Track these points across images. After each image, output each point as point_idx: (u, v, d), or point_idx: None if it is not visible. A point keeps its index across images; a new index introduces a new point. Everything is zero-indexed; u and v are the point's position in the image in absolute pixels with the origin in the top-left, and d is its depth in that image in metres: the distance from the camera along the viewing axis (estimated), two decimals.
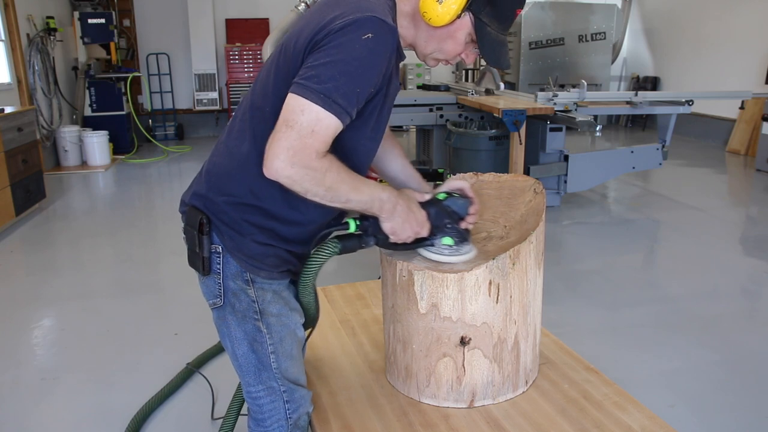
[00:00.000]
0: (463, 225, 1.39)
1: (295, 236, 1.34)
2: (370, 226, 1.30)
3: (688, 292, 3.58)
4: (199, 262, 1.33)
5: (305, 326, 1.55)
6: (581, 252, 4.40)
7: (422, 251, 1.40)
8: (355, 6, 1.17)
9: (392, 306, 1.46)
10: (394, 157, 1.57)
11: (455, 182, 1.49)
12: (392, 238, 1.31)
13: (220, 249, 1.32)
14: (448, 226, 1.37)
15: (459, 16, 1.23)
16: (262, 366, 1.36)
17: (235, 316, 1.34)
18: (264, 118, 1.24)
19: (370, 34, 1.13)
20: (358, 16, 1.14)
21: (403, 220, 1.29)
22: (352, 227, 1.31)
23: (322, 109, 1.11)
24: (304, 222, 1.33)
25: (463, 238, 1.39)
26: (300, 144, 1.10)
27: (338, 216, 1.40)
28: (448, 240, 1.38)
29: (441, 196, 1.39)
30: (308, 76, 1.12)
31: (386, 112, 1.32)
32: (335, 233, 1.33)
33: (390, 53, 1.18)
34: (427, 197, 1.39)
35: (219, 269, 1.33)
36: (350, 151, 1.27)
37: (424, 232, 1.34)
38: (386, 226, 1.28)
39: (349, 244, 1.32)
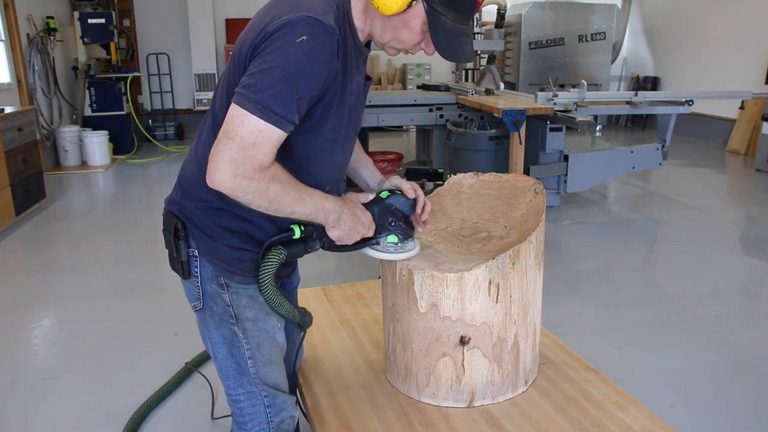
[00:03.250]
0: (421, 218, 1.42)
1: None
2: (315, 230, 1.29)
3: (688, 292, 3.58)
4: (178, 266, 1.34)
5: (301, 329, 1.55)
6: (581, 252, 4.40)
7: (367, 250, 1.40)
8: (293, 5, 1.14)
9: (392, 305, 1.46)
10: None
11: (395, 179, 1.46)
12: (339, 242, 1.30)
13: (196, 253, 1.32)
14: (392, 224, 1.38)
15: (410, 5, 1.17)
16: (241, 370, 1.35)
17: (213, 319, 1.34)
18: (220, 124, 1.22)
19: (304, 37, 1.10)
20: (292, 17, 1.11)
21: (349, 228, 1.28)
22: (297, 233, 1.29)
23: (262, 120, 1.09)
24: (278, 225, 1.31)
25: (407, 235, 1.40)
26: (242, 156, 1.08)
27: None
28: (392, 238, 1.38)
29: (384, 195, 1.39)
30: (246, 85, 1.11)
31: (347, 110, 1.28)
32: (279, 240, 1.30)
33: (329, 54, 1.14)
34: (371, 197, 1.38)
35: (197, 272, 1.33)
36: (308, 155, 1.26)
37: (370, 233, 1.34)
38: (333, 234, 1.27)
39: (295, 250, 1.31)
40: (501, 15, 5.82)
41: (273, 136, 1.11)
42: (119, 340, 3.05)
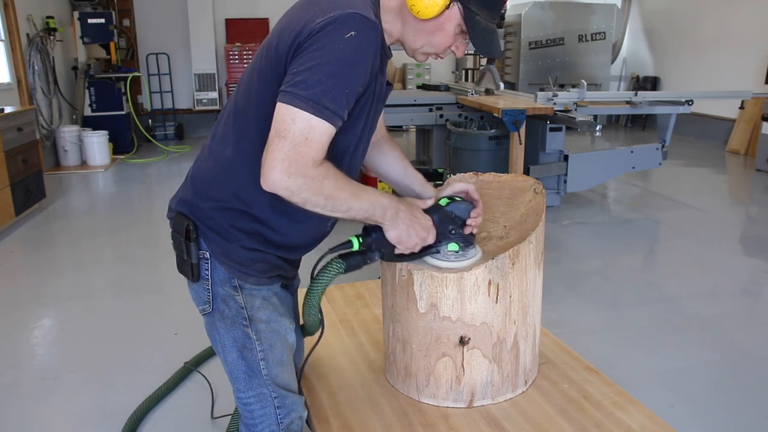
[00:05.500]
0: (466, 230, 1.37)
1: (285, 242, 1.32)
2: (373, 241, 1.27)
3: (688, 292, 3.58)
4: (188, 268, 1.32)
5: (304, 333, 1.55)
6: (581, 252, 4.40)
7: (428, 259, 1.38)
8: (335, 3, 1.14)
9: (392, 306, 1.46)
10: (395, 161, 1.55)
11: (458, 185, 1.45)
12: (398, 249, 1.28)
13: (208, 255, 1.30)
14: (453, 232, 1.35)
15: (447, 7, 1.19)
16: (252, 373, 1.34)
17: (224, 322, 1.33)
18: (247, 121, 1.23)
19: (352, 32, 1.10)
20: (339, 14, 1.11)
21: (407, 226, 1.26)
22: (355, 245, 1.28)
23: (313, 116, 1.08)
24: (294, 227, 1.30)
25: (468, 242, 1.37)
26: (295, 154, 1.08)
27: (332, 223, 1.38)
28: (453, 246, 1.36)
29: (443, 202, 1.37)
30: (295, 83, 1.10)
31: (375, 111, 1.29)
32: (338, 252, 1.30)
33: (374, 49, 1.15)
34: (429, 203, 1.37)
35: (207, 275, 1.31)
36: (342, 152, 1.26)
37: (431, 239, 1.31)
38: (391, 235, 1.25)
39: (354, 262, 1.30)
40: (501, 15, 5.84)
41: (324, 132, 1.10)
42: (119, 340, 3.05)
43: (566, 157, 5.10)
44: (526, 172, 4.90)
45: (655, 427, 1.36)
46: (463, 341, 1.38)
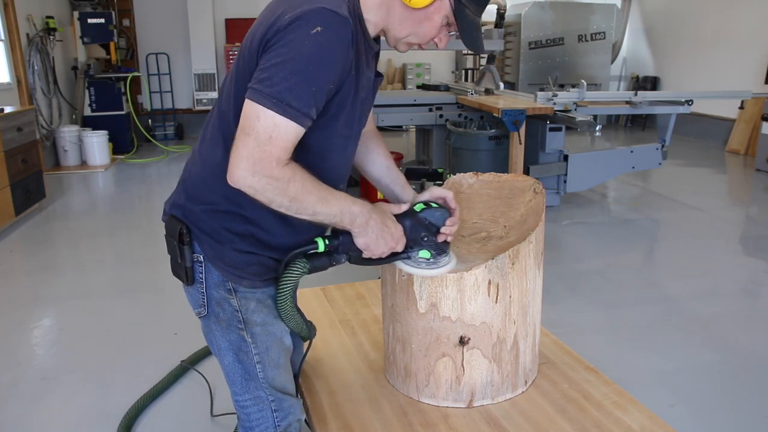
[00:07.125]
0: (440, 237, 1.33)
1: (278, 243, 1.30)
2: (340, 244, 1.25)
3: (688, 292, 3.58)
4: (182, 271, 1.31)
5: (303, 339, 1.54)
6: (581, 252, 4.40)
7: (398, 264, 1.35)
8: None
9: (391, 306, 1.46)
10: (378, 157, 1.52)
11: (437, 191, 1.42)
12: (366, 254, 1.27)
13: (201, 258, 1.29)
14: (425, 239, 1.32)
15: None
16: (249, 376, 1.34)
17: (219, 325, 1.32)
18: (230, 124, 1.21)
19: (319, 28, 1.08)
20: (305, 9, 1.09)
21: (377, 236, 1.24)
22: (321, 246, 1.25)
23: (278, 115, 1.07)
24: (286, 228, 1.29)
25: (441, 250, 1.34)
26: (259, 152, 1.06)
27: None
28: (425, 253, 1.33)
29: (418, 208, 1.33)
30: (261, 79, 1.08)
31: (359, 106, 1.27)
32: (303, 250, 1.27)
33: (345, 45, 1.13)
34: (404, 208, 1.34)
35: (202, 278, 1.30)
36: (323, 150, 1.24)
37: (399, 248, 1.29)
38: (359, 242, 1.24)
39: (319, 263, 1.27)
40: (501, 15, 5.82)
41: (290, 130, 1.08)
42: (119, 340, 3.05)
43: (566, 157, 5.10)
44: (526, 172, 4.90)
45: (655, 427, 1.36)
46: (462, 341, 1.38)
